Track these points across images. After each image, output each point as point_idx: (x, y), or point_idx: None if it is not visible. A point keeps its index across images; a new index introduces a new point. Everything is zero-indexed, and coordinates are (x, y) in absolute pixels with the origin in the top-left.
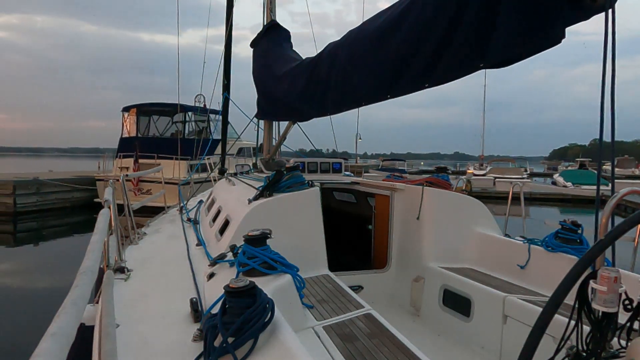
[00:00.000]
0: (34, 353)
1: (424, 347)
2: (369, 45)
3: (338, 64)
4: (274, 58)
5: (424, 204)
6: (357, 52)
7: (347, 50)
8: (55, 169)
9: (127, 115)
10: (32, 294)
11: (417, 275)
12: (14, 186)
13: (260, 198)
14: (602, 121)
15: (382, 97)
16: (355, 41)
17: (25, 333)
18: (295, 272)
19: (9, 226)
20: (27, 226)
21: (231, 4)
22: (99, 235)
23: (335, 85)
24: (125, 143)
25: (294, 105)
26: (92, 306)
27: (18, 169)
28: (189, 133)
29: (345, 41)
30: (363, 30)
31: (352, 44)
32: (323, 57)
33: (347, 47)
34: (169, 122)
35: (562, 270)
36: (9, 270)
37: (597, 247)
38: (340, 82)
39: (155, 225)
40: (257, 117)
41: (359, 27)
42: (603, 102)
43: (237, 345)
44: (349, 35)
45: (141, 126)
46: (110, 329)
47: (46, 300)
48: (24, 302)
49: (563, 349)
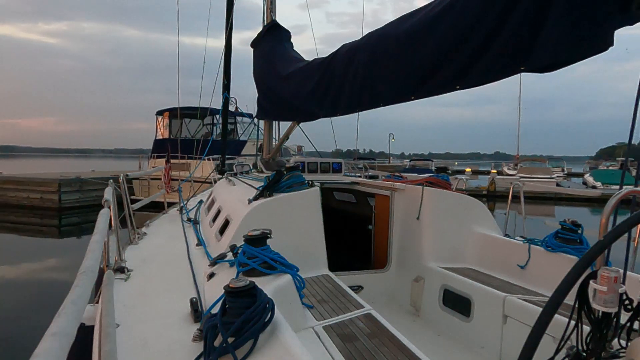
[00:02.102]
0: (34, 353)
1: (424, 347)
2: (397, 46)
3: (356, 65)
4: (278, 58)
5: (424, 204)
6: (380, 53)
7: (367, 52)
8: (98, 169)
9: (160, 119)
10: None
11: (417, 275)
12: (59, 184)
13: (260, 198)
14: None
15: (406, 98)
16: (379, 43)
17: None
18: (295, 272)
19: (55, 220)
20: (70, 220)
21: (231, 4)
22: (99, 235)
23: (351, 86)
24: (158, 144)
25: (300, 105)
26: (92, 306)
27: (65, 169)
28: (217, 134)
29: (365, 42)
30: (388, 32)
31: (374, 46)
32: (338, 58)
33: (367, 48)
34: (200, 125)
35: (562, 270)
36: (55, 265)
37: (597, 247)
38: (358, 83)
39: (155, 225)
40: (258, 117)
41: (382, 29)
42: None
43: (237, 345)
44: (370, 36)
45: (173, 128)
46: (110, 329)
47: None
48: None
49: (563, 349)
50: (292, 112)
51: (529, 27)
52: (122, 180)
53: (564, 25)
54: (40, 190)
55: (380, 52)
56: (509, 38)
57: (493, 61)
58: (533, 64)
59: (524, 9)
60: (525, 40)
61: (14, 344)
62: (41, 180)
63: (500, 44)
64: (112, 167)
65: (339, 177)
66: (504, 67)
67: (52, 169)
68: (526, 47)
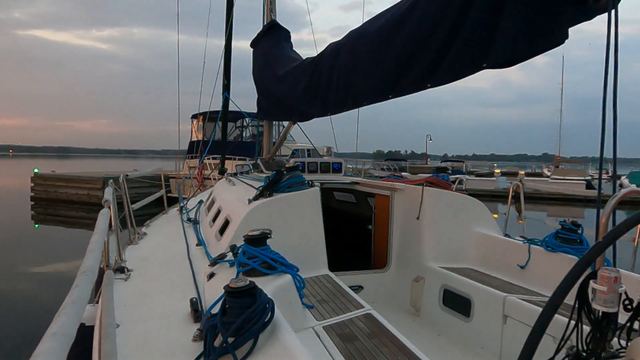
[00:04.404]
0: (34, 353)
1: (424, 347)
2: (370, 45)
3: (339, 64)
4: (275, 58)
5: (424, 204)
6: (358, 52)
7: (348, 50)
8: (140, 169)
9: (195, 122)
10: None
11: (417, 275)
12: (104, 182)
13: (260, 198)
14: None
15: (383, 97)
16: (357, 41)
17: None
18: (295, 272)
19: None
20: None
21: (231, 4)
22: (99, 235)
23: (336, 85)
24: (193, 146)
25: (294, 105)
26: (92, 306)
27: (112, 168)
28: (247, 136)
29: (346, 41)
30: (365, 30)
31: (353, 44)
32: (324, 58)
33: (348, 47)
34: (233, 127)
35: (562, 270)
36: None
37: (597, 247)
38: (342, 82)
39: (155, 225)
40: (258, 117)
41: (361, 27)
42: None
43: (237, 345)
44: (350, 35)
45: (208, 131)
46: (110, 329)
47: None
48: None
49: (563, 349)
50: (288, 112)
51: (487, 24)
52: (122, 180)
53: (519, 21)
54: (87, 187)
55: (358, 50)
56: (468, 36)
57: (457, 59)
58: (494, 60)
59: (481, 7)
60: (484, 37)
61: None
62: (88, 178)
63: (461, 42)
64: (153, 166)
65: (339, 177)
66: (467, 64)
67: (101, 169)
68: (486, 44)
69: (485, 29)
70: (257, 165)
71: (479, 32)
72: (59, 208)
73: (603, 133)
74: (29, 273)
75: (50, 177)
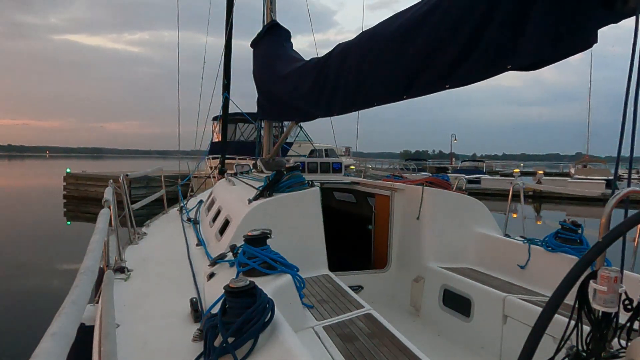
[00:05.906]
0: (34, 353)
1: (424, 347)
2: (386, 45)
3: (349, 65)
4: (277, 58)
5: (424, 204)
6: (371, 52)
7: (359, 51)
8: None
9: (216, 124)
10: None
11: (417, 275)
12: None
13: (260, 198)
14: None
15: (397, 97)
16: (370, 42)
17: None
18: (295, 272)
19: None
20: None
21: (231, 4)
22: (99, 235)
23: (345, 86)
24: (214, 146)
25: (298, 105)
26: (92, 306)
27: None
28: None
29: (358, 42)
30: (379, 31)
31: (366, 45)
32: (332, 58)
33: (359, 47)
34: (252, 129)
35: (562, 270)
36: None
37: (597, 247)
38: (351, 83)
39: (155, 225)
40: (258, 117)
41: (374, 28)
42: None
43: (237, 345)
44: (362, 36)
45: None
46: (110, 329)
47: None
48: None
49: (563, 349)
50: (291, 112)
51: (513, 25)
52: (122, 180)
53: (547, 23)
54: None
55: (371, 51)
56: (493, 37)
57: (479, 60)
58: (518, 62)
59: (507, 7)
60: (509, 39)
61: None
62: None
63: (485, 42)
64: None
65: (339, 177)
66: (490, 65)
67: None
68: (511, 46)
69: (510, 31)
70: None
71: (505, 34)
72: (88, 205)
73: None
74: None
75: (81, 176)
